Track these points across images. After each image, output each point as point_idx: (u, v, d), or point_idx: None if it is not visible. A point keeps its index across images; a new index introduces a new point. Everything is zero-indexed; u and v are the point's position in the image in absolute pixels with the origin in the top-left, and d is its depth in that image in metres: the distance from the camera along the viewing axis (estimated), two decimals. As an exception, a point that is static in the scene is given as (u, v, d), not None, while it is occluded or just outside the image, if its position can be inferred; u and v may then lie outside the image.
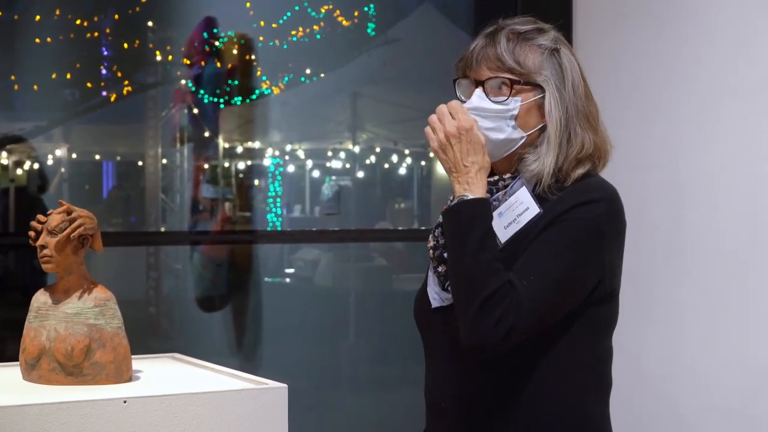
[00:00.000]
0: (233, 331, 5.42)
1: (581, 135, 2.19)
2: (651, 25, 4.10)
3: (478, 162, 2.14)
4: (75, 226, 2.35)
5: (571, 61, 2.22)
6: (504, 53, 2.19)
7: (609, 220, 2.16)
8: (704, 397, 3.86)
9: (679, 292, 3.96)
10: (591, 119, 2.22)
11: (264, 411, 2.28)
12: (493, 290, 2.06)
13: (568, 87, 2.19)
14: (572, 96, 2.19)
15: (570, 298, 2.13)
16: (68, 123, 5.48)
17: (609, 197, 2.17)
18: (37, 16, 5.00)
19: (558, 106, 2.18)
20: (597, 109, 2.25)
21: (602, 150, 2.23)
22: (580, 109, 2.20)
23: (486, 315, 2.05)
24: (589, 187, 2.17)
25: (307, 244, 6.06)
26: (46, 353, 2.33)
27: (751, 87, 3.70)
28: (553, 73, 2.19)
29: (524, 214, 2.14)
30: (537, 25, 2.26)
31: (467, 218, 2.11)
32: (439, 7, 6.14)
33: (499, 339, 2.05)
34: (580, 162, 2.18)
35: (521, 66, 2.19)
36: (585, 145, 2.18)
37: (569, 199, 2.13)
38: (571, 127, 2.19)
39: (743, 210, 3.72)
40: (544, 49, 2.21)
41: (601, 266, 2.16)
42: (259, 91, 5.58)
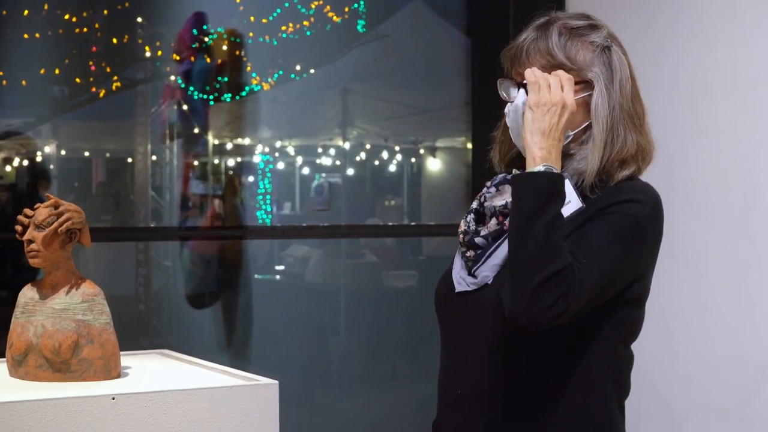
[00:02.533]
0: (223, 328, 5.40)
1: (624, 135, 2.18)
2: (642, 23, 4.09)
3: (563, 140, 2.14)
4: (62, 220, 2.33)
5: (622, 60, 2.21)
6: (555, 47, 2.18)
7: (652, 224, 2.15)
8: (698, 396, 3.85)
9: (673, 291, 3.95)
10: (636, 120, 2.20)
11: (255, 407, 2.27)
12: (559, 269, 2.02)
13: (616, 86, 2.19)
14: (619, 95, 2.18)
15: (608, 291, 2.12)
16: (57, 119, 5.45)
17: (653, 201, 2.16)
18: (26, 11, 4.97)
19: (605, 104, 2.17)
20: (644, 109, 2.24)
21: (646, 152, 2.22)
22: (626, 109, 2.19)
23: (547, 293, 2.02)
24: (635, 188, 2.16)
25: (297, 240, 6.04)
26: (33, 349, 2.31)
27: (744, 86, 3.70)
28: (603, 70, 2.19)
29: (566, 207, 2.12)
30: (590, 21, 2.25)
31: (548, 191, 2.07)
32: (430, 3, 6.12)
33: (552, 318, 2.03)
34: (623, 163, 2.17)
35: (572, 62, 2.19)
36: (627, 145, 2.17)
37: (616, 195, 2.13)
38: (616, 126, 2.17)
39: (737, 208, 3.71)
40: (596, 46, 2.20)
41: (637, 267, 2.16)
42: (249, 88, 5.55)
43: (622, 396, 2.25)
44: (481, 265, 2.18)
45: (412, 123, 6.03)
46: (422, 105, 5.82)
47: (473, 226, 2.22)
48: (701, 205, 3.84)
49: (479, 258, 2.19)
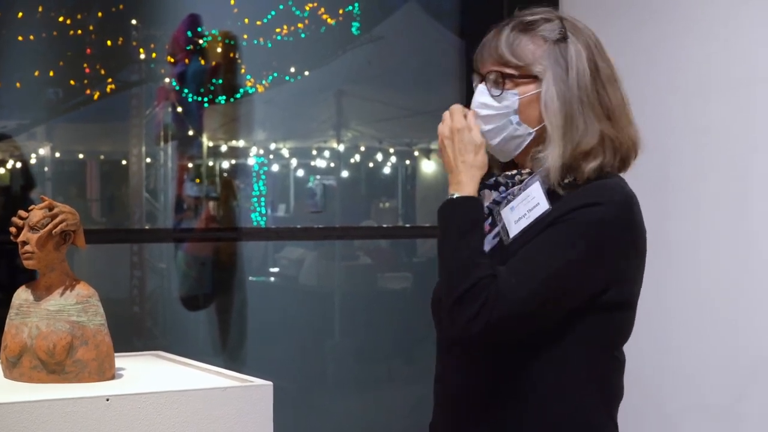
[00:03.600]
0: (218, 330, 5.40)
1: (584, 126, 2.12)
2: (637, 21, 4.09)
3: (468, 161, 2.15)
4: (57, 222, 2.33)
5: (579, 51, 2.15)
6: (503, 45, 2.16)
7: (614, 226, 2.10)
8: (690, 396, 3.85)
9: (665, 291, 3.95)
10: (602, 110, 2.14)
11: (249, 409, 2.27)
12: (470, 284, 2.05)
13: (572, 76, 2.13)
14: (575, 86, 2.13)
15: (562, 299, 2.08)
16: (51, 121, 5.45)
17: (617, 201, 2.11)
18: (20, 13, 4.96)
19: (554, 97, 2.12)
20: (621, 99, 2.18)
21: (620, 142, 2.15)
22: (586, 100, 2.13)
23: (462, 310, 2.05)
24: (600, 188, 2.11)
25: (291, 241, 6.04)
26: (28, 351, 2.31)
27: (738, 83, 3.70)
28: (554, 63, 2.14)
29: (534, 209, 2.11)
30: (545, 15, 2.20)
31: (450, 216, 2.12)
32: (424, 5, 6.13)
33: (474, 334, 2.05)
34: (587, 154, 2.12)
35: (518, 58, 2.15)
36: (588, 136, 2.12)
37: (575, 200, 2.09)
38: (573, 118, 2.12)
39: (730, 208, 3.72)
40: (547, 40, 2.16)
41: (605, 273, 2.11)
42: (243, 90, 5.56)
43: (612, 401, 2.22)
44: None
45: (407, 125, 6.04)
46: (416, 107, 5.82)
47: None
48: (694, 204, 3.85)
49: None
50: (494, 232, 2.18)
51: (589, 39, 2.18)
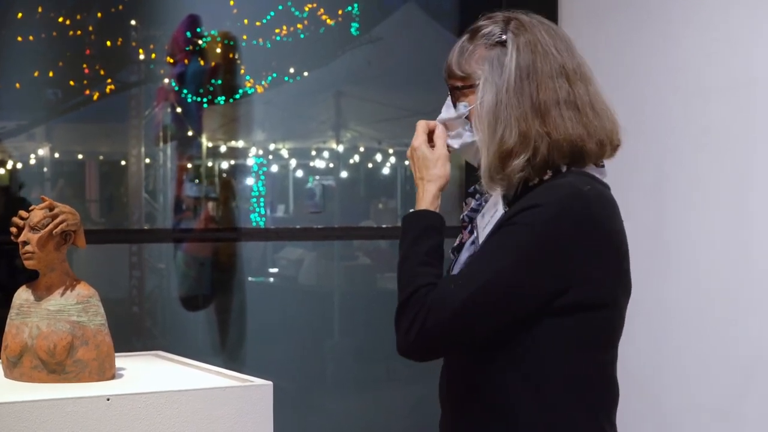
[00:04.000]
0: (217, 330, 5.40)
1: (503, 127, 2.10)
2: (636, 21, 4.10)
3: (425, 177, 2.19)
4: (57, 222, 2.33)
5: (513, 52, 2.13)
6: (454, 59, 2.19)
7: (560, 225, 2.05)
8: (689, 397, 3.86)
9: (664, 292, 3.96)
10: (534, 109, 2.10)
11: (249, 408, 2.27)
12: (410, 293, 2.08)
13: (503, 79, 2.12)
14: (504, 89, 2.11)
15: (506, 305, 2.06)
16: (51, 122, 5.46)
17: (560, 200, 2.06)
18: (20, 13, 4.97)
19: (485, 103, 2.13)
20: (566, 95, 2.13)
21: (551, 139, 2.10)
22: (514, 102, 2.11)
23: (402, 319, 2.08)
24: (547, 189, 2.08)
25: (291, 242, 6.05)
26: (28, 351, 2.32)
27: (737, 86, 3.71)
28: (489, 68, 2.14)
29: (495, 215, 2.12)
30: (495, 18, 2.19)
31: (404, 228, 2.17)
32: (423, 5, 6.14)
33: (412, 342, 2.06)
34: (508, 155, 2.09)
35: (463, 70, 2.17)
36: (507, 137, 2.09)
37: (520, 204, 2.08)
38: (498, 121, 2.11)
39: (729, 208, 3.72)
40: (487, 45, 2.15)
41: (558, 274, 2.05)
42: (243, 90, 5.56)
43: (598, 404, 2.16)
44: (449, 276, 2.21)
45: (406, 125, 6.04)
46: (416, 107, 5.83)
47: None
48: (693, 204, 3.85)
49: (449, 271, 2.22)
50: (471, 239, 2.19)
51: (535, 39, 2.15)
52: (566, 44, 2.18)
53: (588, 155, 2.14)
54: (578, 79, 2.15)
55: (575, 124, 2.11)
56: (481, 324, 2.06)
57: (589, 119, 2.13)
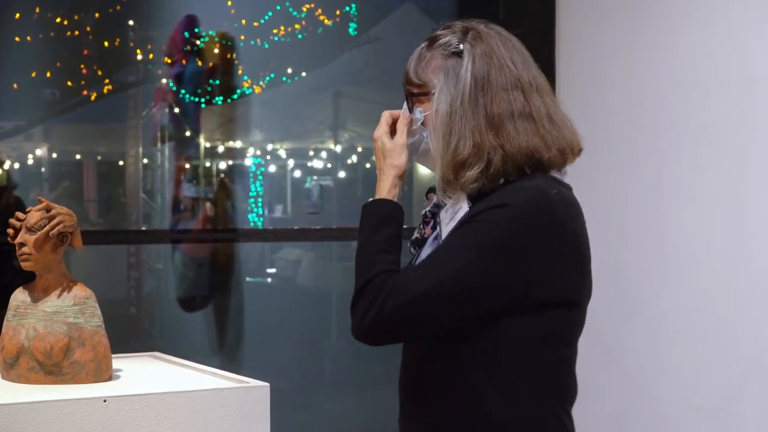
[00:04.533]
0: (215, 331, 5.40)
1: (457, 138, 2.12)
2: (635, 21, 4.10)
3: (384, 168, 2.22)
4: (54, 224, 2.33)
5: (468, 63, 2.14)
6: (411, 67, 2.22)
7: (525, 225, 2.06)
8: (686, 397, 3.86)
9: (661, 292, 3.96)
10: (488, 120, 2.12)
11: (246, 410, 2.27)
12: (367, 279, 2.09)
13: (458, 89, 2.14)
14: (459, 99, 2.13)
15: (468, 299, 2.07)
16: (48, 122, 5.45)
17: (525, 201, 2.08)
18: (17, 14, 4.97)
19: (439, 113, 2.15)
20: (521, 107, 2.14)
21: (504, 151, 2.12)
22: (469, 113, 2.13)
23: (359, 304, 2.10)
24: (513, 190, 2.10)
25: (289, 242, 6.05)
26: (25, 352, 2.32)
27: (736, 84, 3.71)
28: (445, 78, 2.16)
29: (459, 212, 2.14)
30: (454, 27, 2.21)
31: (361, 220, 2.20)
32: (421, 6, 6.14)
33: (366, 326, 2.09)
34: (462, 166, 2.11)
35: (419, 78, 2.19)
36: (461, 149, 2.11)
37: (486, 202, 2.09)
38: (453, 132, 2.13)
39: (727, 207, 3.72)
40: (444, 55, 2.17)
41: (518, 272, 2.07)
42: (240, 91, 5.56)
43: (557, 399, 2.18)
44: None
45: (404, 126, 6.03)
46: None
47: (422, 230, 2.27)
48: (690, 203, 3.85)
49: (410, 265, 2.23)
50: (434, 235, 2.21)
51: (491, 50, 2.16)
52: (522, 56, 2.19)
53: (548, 164, 2.16)
54: (534, 91, 2.17)
55: (531, 136, 2.13)
56: (441, 315, 2.08)
57: (547, 130, 2.15)
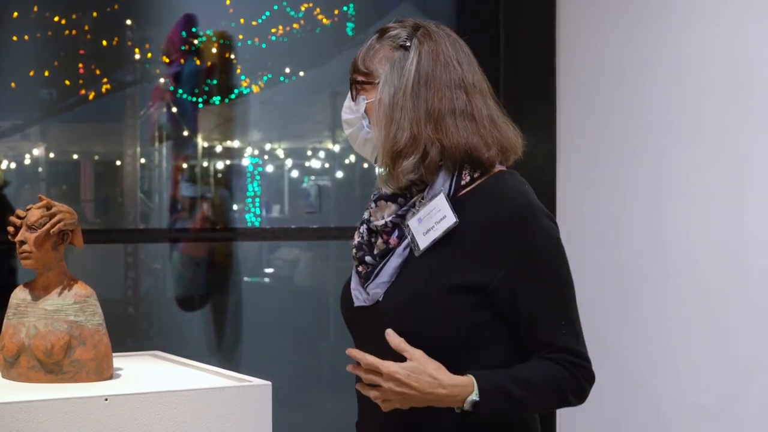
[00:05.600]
0: (213, 331, 5.39)
1: (396, 128, 2.16)
2: (634, 20, 4.10)
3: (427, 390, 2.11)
4: (55, 221, 2.33)
5: (415, 57, 2.19)
6: (361, 55, 2.25)
7: (552, 219, 2.22)
8: (685, 396, 3.86)
9: (660, 292, 3.96)
10: (428, 114, 2.17)
11: (248, 408, 2.27)
12: (560, 397, 2.14)
13: (401, 81, 2.18)
14: (401, 91, 2.18)
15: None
16: (46, 121, 5.44)
17: (532, 202, 2.19)
18: (15, 13, 4.96)
19: (382, 101, 2.19)
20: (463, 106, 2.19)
21: (442, 145, 2.17)
22: (409, 105, 2.17)
23: (580, 397, 2.17)
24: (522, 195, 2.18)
25: (287, 242, 6.04)
26: (26, 351, 2.31)
27: (735, 85, 3.71)
28: (390, 68, 2.20)
29: (442, 221, 2.15)
30: (405, 23, 2.25)
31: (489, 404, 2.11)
32: (419, 6, 6.13)
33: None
34: (398, 155, 2.16)
35: (366, 66, 2.23)
36: (399, 138, 2.16)
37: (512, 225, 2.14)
38: (393, 121, 2.17)
39: (726, 209, 3.72)
40: (392, 47, 2.21)
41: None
42: (238, 90, 5.55)
43: None
44: (371, 282, 2.22)
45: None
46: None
47: (366, 238, 2.26)
48: (689, 204, 3.85)
49: (369, 275, 2.22)
50: (404, 245, 2.20)
51: (439, 49, 2.21)
52: (469, 59, 2.25)
53: (488, 162, 2.20)
54: (477, 93, 2.22)
55: (470, 134, 2.18)
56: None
57: (487, 130, 2.20)
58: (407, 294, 2.17)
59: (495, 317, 2.15)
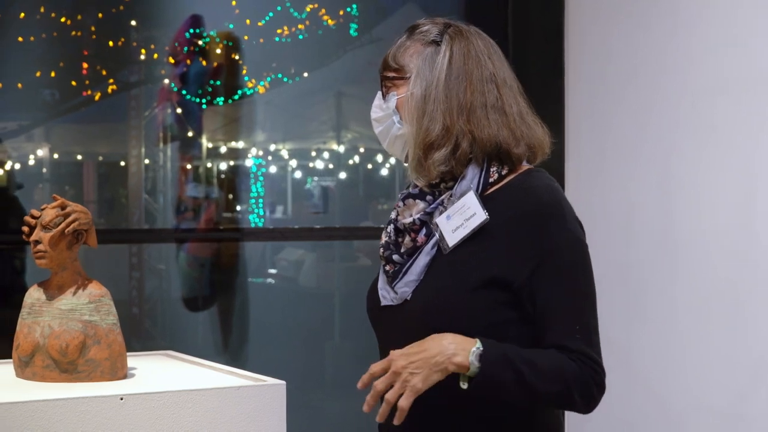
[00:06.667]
0: (217, 332, 5.39)
1: (429, 120, 2.18)
2: (642, 23, 4.10)
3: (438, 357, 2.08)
4: (69, 221, 2.33)
5: (447, 53, 2.21)
6: (391, 53, 2.28)
7: (577, 220, 2.22)
8: (694, 397, 3.86)
9: (669, 292, 3.96)
10: (460, 107, 2.19)
11: (262, 408, 2.27)
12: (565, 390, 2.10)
13: (434, 75, 2.20)
14: (434, 85, 2.20)
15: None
16: (51, 122, 5.44)
17: (561, 201, 2.19)
18: (22, 14, 4.96)
19: (415, 95, 2.20)
20: (494, 101, 2.21)
21: (473, 137, 2.19)
22: (442, 97, 2.19)
23: (575, 406, 2.14)
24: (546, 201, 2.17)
25: (293, 242, 6.04)
26: (40, 350, 2.31)
27: (744, 84, 3.71)
28: (422, 63, 2.22)
29: (472, 219, 2.16)
30: (436, 20, 2.29)
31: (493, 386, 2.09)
32: (422, 6, 6.13)
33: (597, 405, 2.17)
34: (431, 146, 2.18)
35: (397, 62, 2.25)
36: (431, 129, 2.18)
37: (537, 225, 2.14)
38: (426, 114, 2.20)
39: (735, 209, 3.72)
40: (423, 42, 2.24)
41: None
42: (242, 91, 5.56)
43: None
44: (399, 281, 2.22)
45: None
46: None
47: (393, 237, 2.26)
48: (698, 204, 3.85)
49: (397, 274, 2.23)
50: (432, 243, 2.21)
51: (470, 45, 2.24)
52: (499, 56, 2.28)
53: (516, 158, 2.22)
54: (507, 88, 2.25)
55: (501, 128, 2.20)
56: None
57: (517, 125, 2.22)
58: (435, 292, 2.16)
59: (520, 317, 2.14)
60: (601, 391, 2.14)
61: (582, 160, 4.32)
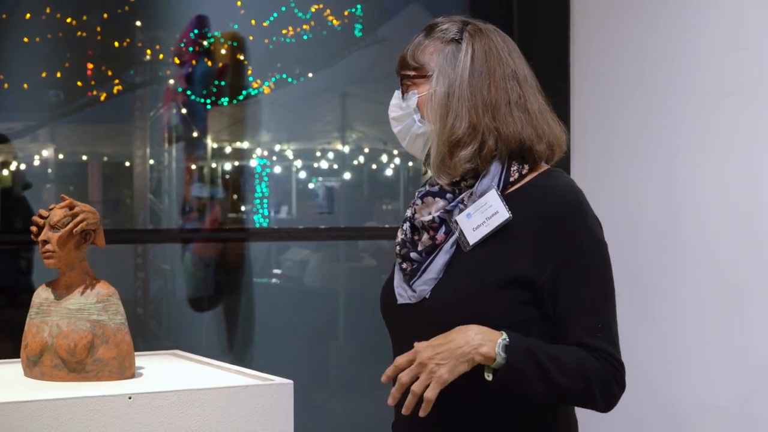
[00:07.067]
0: (222, 332, 5.40)
1: (454, 117, 2.18)
2: (649, 24, 4.10)
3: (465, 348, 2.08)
4: (77, 221, 2.33)
5: (469, 50, 2.21)
6: (409, 51, 2.26)
7: (598, 221, 2.25)
8: (701, 397, 3.86)
9: (676, 292, 3.96)
10: (485, 105, 2.19)
11: (270, 407, 2.28)
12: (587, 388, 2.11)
13: (456, 73, 2.20)
14: (457, 82, 2.20)
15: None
16: (57, 122, 5.45)
17: (580, 199, 2.21)
18: (27, 14, 4.97)
19: (438, 92, 2.20)
20: (516, 98, 2.22)
21: (499, 134, 2.19)
22: (466, 95, 2.19)
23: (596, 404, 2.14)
24: (565, 198, 2.19)
25: (298, 242, 6.04)
26: (49, 349, 2.32)
27: (750, 86, 3.71)
28: (443, 61, 2.22)
29: (494, 217, 2.16)
30: (454, 19, 2.28)
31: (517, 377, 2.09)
32: (427, 6, 6.14)
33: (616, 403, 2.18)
34: (457, 144, 2.18)
35: (416, 61, 2.24)
36: (457, 127, 2.18)
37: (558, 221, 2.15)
38: (450, 111, 2.19)
39: (741, 210, 3.72)
40: (443, 40, 2.23)
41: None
42: (246, 92, 5.56)
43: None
44: (417, 279, 2.22)
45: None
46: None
47: (409, 235, 2.26)
48: (704, 205, 3.85)
49: (415, 272, 2.22)
50: (451, 241, 2.21)
51: (491, 42, 2.23)
52: (519, 54, 2.28)
53: (538, 155, 2.23)
54: (528, 86, 2.25)
55: (525, 125, 2.21)
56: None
57: (539, 122, 2.23)
58: (455, 290, 2.16)
59: (542, 316, 2.15)
60: (622, 389, 2.15)
61: (588, 162, 4.32)
